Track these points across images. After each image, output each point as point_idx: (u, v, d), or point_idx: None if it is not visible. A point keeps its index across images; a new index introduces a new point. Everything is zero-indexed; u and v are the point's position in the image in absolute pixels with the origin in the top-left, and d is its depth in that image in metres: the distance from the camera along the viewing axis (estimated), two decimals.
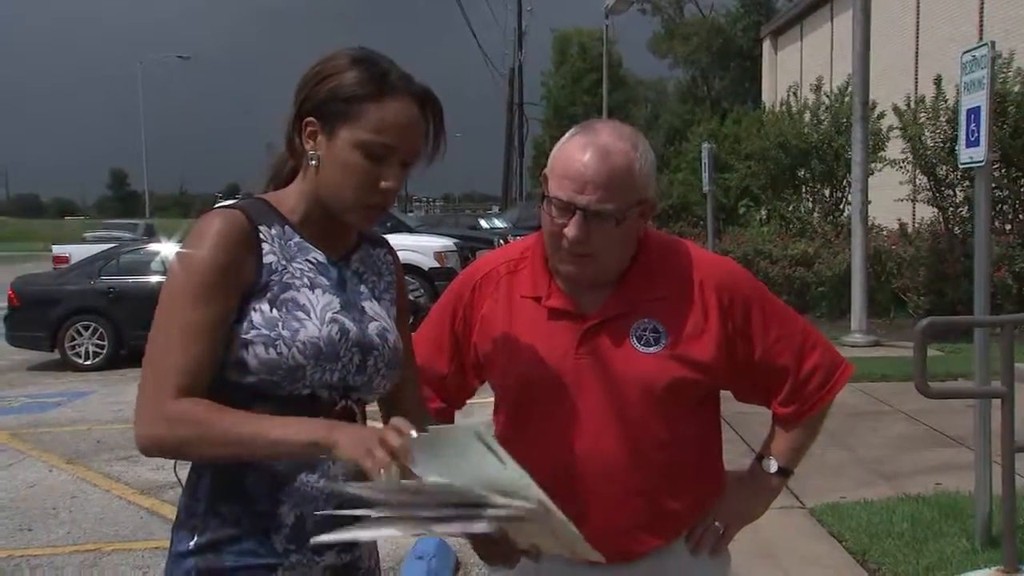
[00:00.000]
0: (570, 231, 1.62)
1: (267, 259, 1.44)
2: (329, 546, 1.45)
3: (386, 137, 1.42)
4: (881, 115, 12.91)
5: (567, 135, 1.70)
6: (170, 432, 1.33)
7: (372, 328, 1.51)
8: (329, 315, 1.45)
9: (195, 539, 1.42)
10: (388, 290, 1.62)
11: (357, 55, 1.46)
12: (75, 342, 10.34)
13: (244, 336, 1.40)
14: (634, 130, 1.71)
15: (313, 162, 1.45)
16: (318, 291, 1.47)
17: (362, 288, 1.56)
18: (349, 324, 1.47)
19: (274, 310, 1.41)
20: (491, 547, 1.47)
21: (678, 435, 1.71)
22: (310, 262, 1.49)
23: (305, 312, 1.43)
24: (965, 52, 4.28)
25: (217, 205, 1.50)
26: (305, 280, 1.46)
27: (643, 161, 1.66)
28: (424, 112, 1.48)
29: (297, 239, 1.49)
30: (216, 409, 1.34)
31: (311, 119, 1.44)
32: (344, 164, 1.43)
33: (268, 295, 1.42)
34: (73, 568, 4.39)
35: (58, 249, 15.93)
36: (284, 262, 1.45)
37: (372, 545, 1.59)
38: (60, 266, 13.65)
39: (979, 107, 4.14)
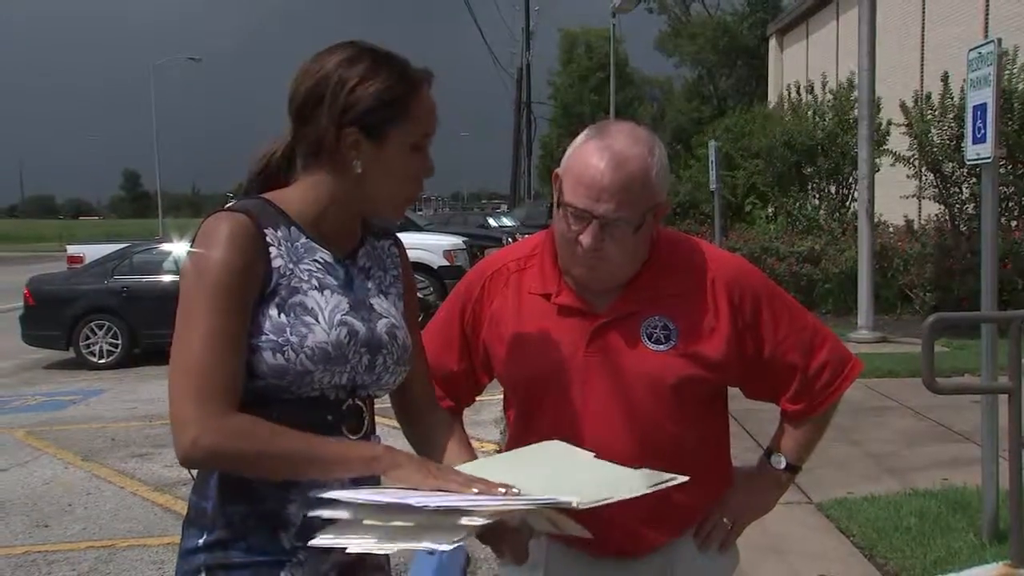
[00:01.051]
0: (585, 239, 1.62)
1: (275, 263, 1.42)
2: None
3: (429, 126, 1.47)
4: (889, 119, 12.92)
5: (582, 137, 1.69)
6: (232, 445, 1.32)
7: (381, 326, 1.50)
8: (338, 317, 1.44)
9: (204, 536, 1.42)
10: (394, 284, 1.61)
11: (370, 56, 1.45)
12: (89, 341, 10.45)
13: (252, 341, 1.39)
14: (649, 133, 1.70)
15: (359, 170, 1.44)
16: (327, 292, 1.45)
17: (369, 284, 1.55)
18: (358, 325, 1.46)
19: (282, 315, 1.40)
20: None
21: (687, 432, 1.72)
22: (317, 262, 1.47)
23: (313, 316, 1.42)
24: (971, 49, 4.29)
25: (227, 206, 1.48)
26: (313, 282, 1.45)
27: (659, 166, 1.65)
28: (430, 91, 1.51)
29: (304, 240, 1.47)
30: (271, 425, 1.35)
31: (352, 129, 1.42)
32: (399, 164, 1.45)
33: (276, 300, 1.41)
34: (89, 563, 4.43)
35: (72, 249, 15.97)
36: (291, 265, 1.44)
37: None
38: (74, 266, 13.69)
39: (985, 104, 4.15)
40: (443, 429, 1.65)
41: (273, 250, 1.43)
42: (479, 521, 1.22)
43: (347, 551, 1.30)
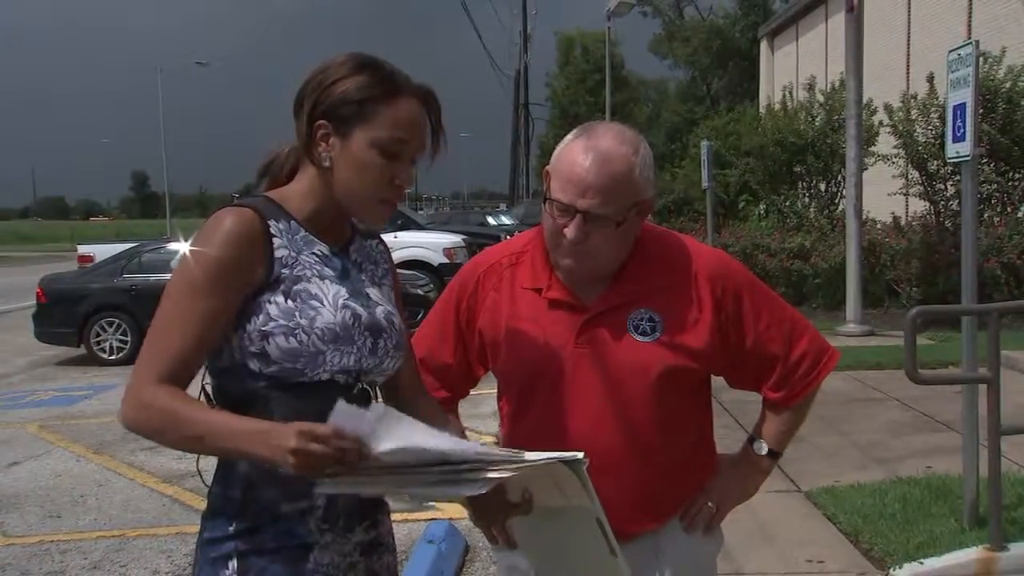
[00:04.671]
0: (570, 232, 1.68)
1: (278, 253, 1.49)
2: (358, 523, 1.55)
3: (401, 133, 1.49)
4: (874, 111, 13.08)
5: (570, 136, 1.74)
6: (144, 417, 1.38)
7: (379, 312, 1.57)
8: (341, 302, 1.51)
9: (234, 525, 1.47)
10: (386, 277, 1.69)
11: (360, 60, 1.52)
12: (100, 338, 10.60)
13: (263, 328, 1.44)
14: (635, 132, 1.74)
15: (327, 163, 1.50)
16: (327, 281, 1.52)
17: (363, 276, 1.62)
18: (359, 309, 1.53)
19: (289, 301, 1.47)
20: (481, 504, 1.46)
21: (673, 420, 1.77)
22: (315, 255, 1.54)
23: (318, 300, 1.49)
24: (951, 51, 4.36)
25: (235, 202, 1.55)
26: (314, 271, 1.52)
27: (643, 165, 1.70)
28: (426, 109, 1.55)
29: (303, 233, 1.54)
30: (187, 403, 1.38)
31: (323, 122, 1.49)
32: (360, 163, 1.49)
33: (282, 287, 1.47)
34: (100, 552, 4.52)
35: (83, 248, 16.02)
36: (295, 254, 1.51)
37: (390, 524, 1.66)
38: (85, 265, 13.76)
39: (964, 103, 4.21)
40: (434, 418, 1.70)
41: (277, 240, 1.50)
42: (505, 475, 1.31)
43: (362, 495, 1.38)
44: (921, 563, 3.79)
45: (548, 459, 1.36)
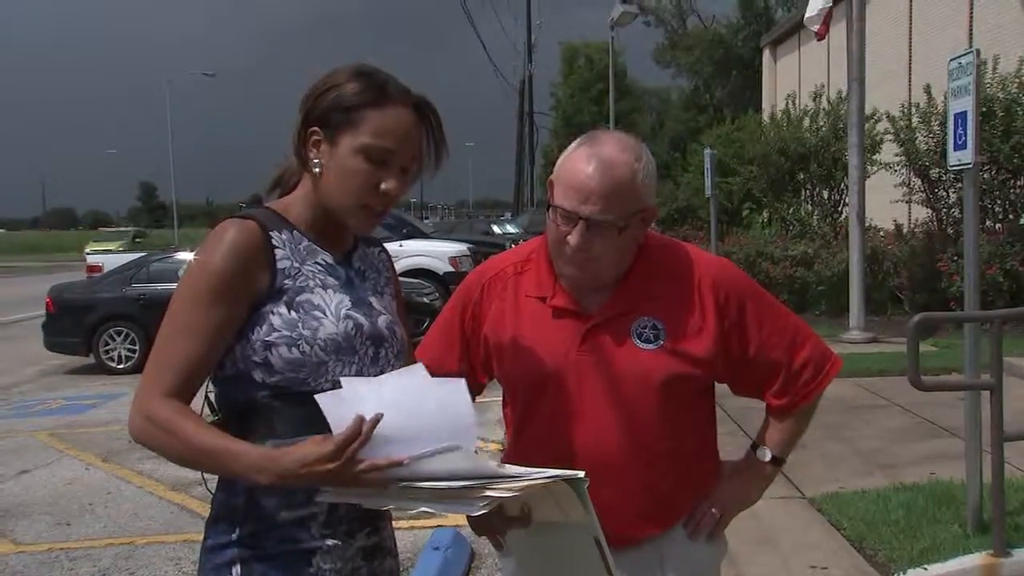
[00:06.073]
0: (573, 239, 1.69)
1: (281, 264, 1.50)
2: (359, 528, 1.55)
3: (386, 141, 1.49)
4: (878, 120, 13.13)
5: (573, 145, 1.75)
6: (148, 432, 1.41)
7: (381, 322, 1.59)
8: (343, 312, 1.52)
9: (237, 531, 1.48)
10: (388, 285, 1.70)
11: (358, 69, 1.53)
12: (108, 347, 10.66)
13: (267, 339, 1.46)
14: (637, 141, 1.75)
15: (317, 169, 1.52)
16: (330, 291, 1.53)
17: (366, 285, 1.63)
18: (361, 319, 1.54)
19: (292, 312, 1.48)
20: (479, 516, 1.45)
21: (676, 427, 1.77)
22: (319, 264, 1.55)
23: (321, 311, 1.50)
24: (952, 59, 4.39)
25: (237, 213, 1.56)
26: (317, 281, 1.53)
27: (645, 172, 1.71)
28: (421, 119, 1.55)
29: (306, 242, 1.55)
30: (192, 422, 1.40)
31: (315, 128, 1.51)
32: (346, 168, 1.49)
33: (284, 298, 1.48)
34: (109, 560, 4.54)
35: (92, 259, 16.08)
36: (297, 264, 1.52)
37: (391, 530, 1.67)
38: (94, 274, 13.84)
39: (966, 112, 4.23)
40: None
41: (279, 252, 1.51)
42: (506, 494, 1.33)
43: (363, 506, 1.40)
44: (925, 569, 3.81)
45: (549, 477, 1.38)
